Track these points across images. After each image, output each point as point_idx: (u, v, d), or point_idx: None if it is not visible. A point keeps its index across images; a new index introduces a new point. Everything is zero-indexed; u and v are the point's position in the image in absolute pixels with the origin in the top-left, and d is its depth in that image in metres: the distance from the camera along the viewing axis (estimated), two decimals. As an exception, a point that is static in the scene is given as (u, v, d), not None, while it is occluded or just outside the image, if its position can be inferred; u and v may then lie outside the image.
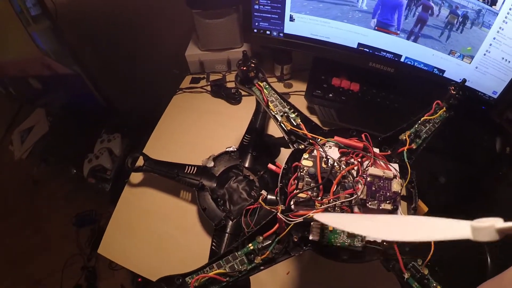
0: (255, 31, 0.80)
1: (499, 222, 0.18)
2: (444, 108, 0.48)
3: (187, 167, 0.65)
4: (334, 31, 0.72)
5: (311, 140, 0.46)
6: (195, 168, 0.65)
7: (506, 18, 0.54)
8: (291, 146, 0.47)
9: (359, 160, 0.43)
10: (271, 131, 0.77)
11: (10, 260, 1.38)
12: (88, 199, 1.45)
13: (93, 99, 1.08)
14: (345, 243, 0.39)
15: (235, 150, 0.66)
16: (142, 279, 0.61)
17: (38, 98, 1.23)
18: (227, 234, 0.57)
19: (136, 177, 0.74)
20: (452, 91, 0.48)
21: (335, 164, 0.42)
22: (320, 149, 0.43)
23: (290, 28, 0.76)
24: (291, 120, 0.48)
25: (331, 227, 0.38)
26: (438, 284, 0.36)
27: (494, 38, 0.57)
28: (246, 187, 0.62)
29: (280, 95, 0.51)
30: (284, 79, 0.90)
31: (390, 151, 0.46)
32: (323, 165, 0.42)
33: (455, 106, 0.48)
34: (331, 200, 0.39)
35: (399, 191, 0.40)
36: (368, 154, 0.43)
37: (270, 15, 0.75)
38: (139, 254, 0.63)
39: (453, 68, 0.65)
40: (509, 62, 0.58)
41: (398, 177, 0.41)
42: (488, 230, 0.18)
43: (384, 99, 0.76)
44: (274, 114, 0.49)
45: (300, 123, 0.48)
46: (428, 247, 0.36)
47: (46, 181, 1.53)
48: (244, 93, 0.87)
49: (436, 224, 0.21)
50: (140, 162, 0.68)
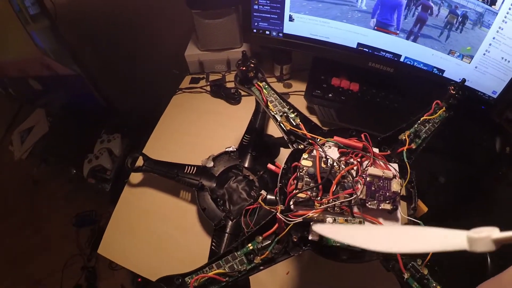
0: (254, 31, 0.80)
1: (495, 233, 0.18)
2: (444, 108, 0.48)
3: (186, 167, 0.65)
4: (333, 31, 0.72)
5: (311, 140, 0.46)
6: (195, 168, 0.65)
7: (505, 17, 0.54)
8: (290, 146, 0.47)
9: (359, 160, 0.43)
10: (271, 131, 0.77)
11: (10, 260, 1.38)
12: (88, 199, 1.45)
13: (93, 99, 1.07)
14: (344, 243, 0.39)
15: (235, 150, 0.66)
16: (142, 279, 0.61)
17: (38, 98, 1.23)
18: (226, 234, 0.57)
19: (136, 177, 0.74)
20: (451, 91, 0.48)
21: (335, 164, 0.42)
22: (320, 149, 0.43)
23: (289, 28, 0.76)
24: (291, 120, 0.48)
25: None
26: (437, 284, 0.36)
27: (494, 38, 0.57)
28: (246, 187, 0.63)
29: (280, 95, 0.51)
30: (283, 79, 0.90)
31: (389, 151, 0.46)
32: (323, 165, 0.42)
33: (455, 106, 0.48)
34: (331, 200, 0.39)
35: (399, 191, 0.39)
36: (368, 154, 0.43)
37: (269, 15, 0.75)
38: (139, 254, 0.63)
39: (452, 68, 0.65)
40: (508, 61, 0.58)
41: (397, 177, 0.41)
42: (485, 241, 0.18)
43: (384, 99, 0.76)
44: (273, 114, 0.49)
45: (300, 123, 0.48)
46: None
47: (46, 181, 1.53)
48: (243, 93, 0.87)
49: (433, 235, 0.21)
50: (140, 162, 0.68)
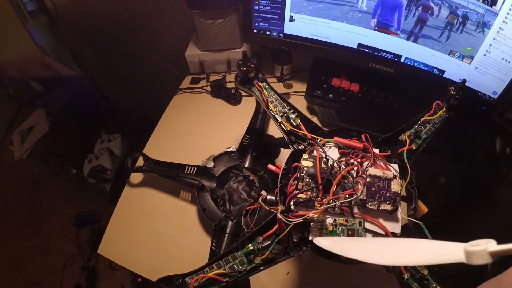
0: (255, 31, 0.80)
1: (492, 245, 0.18)
2: (444, 109, 0.48)
3: (187, 167, 0.65)
4: (334, 31, 0.72)
5: (311, 141, 0.46)
6: (195, 169, 0.65)
7: (506, 18, 0.54)
8: (291, 147, 0.47)
9: (359, 160, 0.43)
10: (271, 131, 0.77)
11: (10, 260, 1.38)
12: (88, 199, 1.45)
13: (93, 99, 1.07)
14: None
15: (235, 150, 0.66)
16: (142, 279, 0.61)
17: (38, 99, 1.23)
18: (227, 235, 0.57)
19: (136, 177, 0.74)
20: (452, 92, 0.48)
21: (335, 164, 0.42)
22: (320, 149, 0.43)
23: (290, 28, 0.76)
24: (291, 120, 0.48)
25: (330, 228, 0.38)
26: (438, 285, 0.36)
27: (494, 39, 0.57)
28: (246, 188, 0.63)
29: (280, 95, 0.51)
30: (284, 80, 0.90)
31: (390, 151, 0.46)
32: (323, 165, 0.42)
33: (455, 107, 0.48)
34: (331, 200, 0.39)
35: (399, 192, 0.39)
36: (368, 155, 0.43)
37: (270, 16, 0.75)
38: (139, 254, 0.63)
39: (453, 68, 0.65)
40: (509, 62, 0.58)
41: (398, 177, 0.41)
42: (481, 253, 0.18)
43: (384, 100, 0.76)
44: (274, 114, 0.49)
45: (300, 123, 0.48)
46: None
47: (46, 181, 1.53)
48: (244, 93, 0.87)
49: (430, 248, 0.21)
50: (140, 162, 0.68)
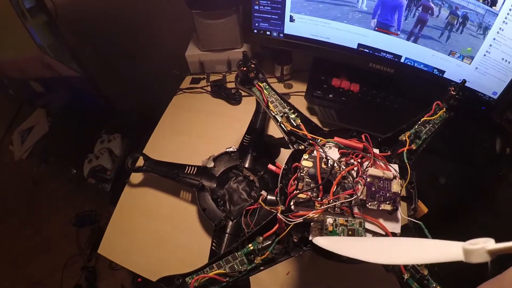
0: (255, 31, 0.80)
1: (490, 244, 0.18)
2: (444, 109, 0.48)
3: (187, 167, 0.65)
4: (334, 31, 0.72)
5: (311, 141, 0.46)
6: (195, 169, 0.65)
7: (506, 18, 0.54)
8: (291, 147, 0.47)
9: (359, 160, 0.43)
10: (271, 131, 0.77)
11: (10, 260, 1.38)
12: (88, 199, 1.45)
13: (93, 99, 1.08)
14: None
15: (235, 150, 0.66)
16: (142, 279, 0.61)
17: (38, 99, 1.23)
18: (227, 235, 0.57)
19: (136, 177, 0.74)
20: (452, 92, 0.48)
21: (335, 164, 0.42)
22: (320, 149, 0.43)
23: (290, 28, 0.76)
24: (291, 120, 0.48)
25: (330, 228, 0.38)
26: (438, 285, 0.36)
27: (494, 39, 0.57)
28: (246, 188, 0.63)
29: (280, 95, 0.51)
30: (284, 80, 0.90)
31: (390, 151, 0.46)
32: (323, 165, 0.42)
33: (455, 107, 0.48)
34: (331, 200, 0.39)
35: (399, 192, 0.39)
36: (368, 155, 0.43)
37: (270, 16, 0.75)
38: (139, 254, 0.63)
39: (453, 68, 0.65)
40: (509, 62, 0.58)
41: (398, 177, 0.41)
42: (480, 252, 0.18)
43: (384, 100, 0.76)
44: (274, 114, 0.50)
45: (300, 123, 0.48)
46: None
47: (46, 181, 1.53)
48: (244, 93, 0.87)
49: (429, 247, 0.21)
50: (140, 162, 0.68)
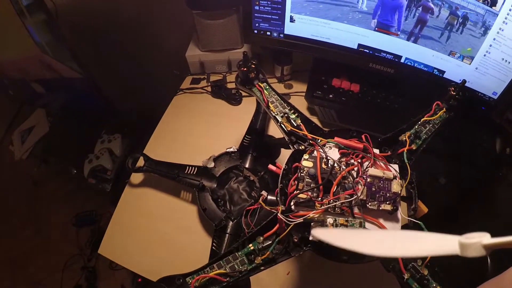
0: (255, 31, 0.80)
1: (486, 238, 0.18)
2: (444, 109, 0.48)
3: (187, 167, 0.65)
4: (334, 32, 0.72)
5: (311, 141, 0.46)
6: (196, 169, 0.65)
7: (506, 19, 0.54)
8: (291, 147, 0.47)
9: (359, 161, 0.43)
10: (272, 131, 0.78)
11: (10, 260, 1.38)
12: (88, 200, 1.45)
13: (93, 99, 1.08)
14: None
15: (236, 150, 0.66)
16: (142, 279, 0.61)
17: (38, 99, 1.23)
18: (227, 235, 0.57)
19: (136, 177, 0.74)
20: (452, 92, 0.48)
21: (335, 165, 0.42)
22: (320, 150, 0.43)
23: (290, 29, 0.76)
24: (292, 121, 0.48)
25: (331, 227, 0.38)
26: (438, 285, 0.36)
27: (494, 39, 0.57)
28: (247, 188, 0.63)
29: (281, 95, 0.51)
30: (284, 80, 0.90)
31: (390, 152, 0.46)
32: (323, 165, 0.42)
33: (455, 107, 0.48)
34: (331, 200, 0.39)
35: (399, 192, 0.40)
36: (368, 155, 0.43)
37: (270, 16, 0.76)
38: (139, 254, 0.63)
39: (453, 69, 0.65)
40: (509, 63, 0.58)
41: (398, 178, 0.41)
42: (475, 246, 0.18)
43: (384, 100, 0.76)
44: (274, 115, 0.50)
45: (301, 124, 0.48)
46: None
47: (46, 181, 1.53)
48: (244, 93, 0.87)
49: (426, 240, 0.21)
50: (141, 162, 0.68)
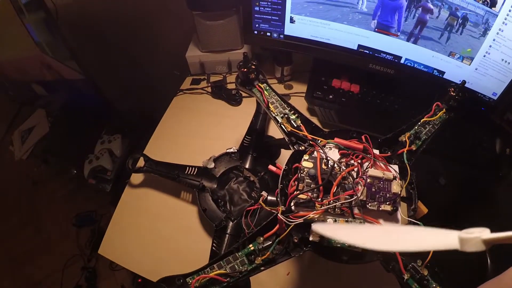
0: (255, 32, 0.80)
1: (485, 233, 0.18)
2: (444, 110, 0.48)
3: (187, 168, 0.65)
4: (334, 33, 0.72)
5: (312, 142, 0.46)
6: (196, 169, 0.65)
7: (505, 19, 0.55)
8: (291, 148, 0.47)
9: (359, 161, 0.43)
10: (272, 132, 0.78)
11: (10, 260, 1.38)
12: (88, 200, 1.45)
13: (93, 99, 1.08)
14: (345, 244, 0.39)
15: (236, 151, 0.66)
16: (142, 279, 0.61)
17: (39, 99, 1.23)
18: (227, 235, 0.57)
19: (136, 178, 0.74)
20: (452, 93, 0.48)
21: (335, 165, 0.42)
22: (320, 150, 0.43)
23: (290, 29, 0.76)
24: (292, 121, 0.48)
25: (331, 228, 0.38)
26: (438, 285, 0.36)
27: (494, 40, 0.57)
28: (247, 188, 0.63)
29: (281, 96, 0.52)
30: (284, 81, 0.90)
31: (390, 152, 0.46)
32: (323, 166, 0.42)
33: (455, 108, 0.48)
34: (331, 201, 0.39)
35: (399, 192, 0.40)
36: (368, 156, 0.43)
37: (270, 17, 0.76)
38: (139, 255, 0.63)
39: (453, 69, 0.65)
40: (508, 63, 0.58)
41: (398, 178, 0.41)
42: (475, 241, 0.18)
43: (384, 101, 0.77)
44: (274, 115, 0.50)
45: (301, 124, 0.48)
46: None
47: (46, 181, 1.54)
48: (244, 94, 0.87)
49: (426, 235, 0.22)
50: (141, 163, 0.68)
